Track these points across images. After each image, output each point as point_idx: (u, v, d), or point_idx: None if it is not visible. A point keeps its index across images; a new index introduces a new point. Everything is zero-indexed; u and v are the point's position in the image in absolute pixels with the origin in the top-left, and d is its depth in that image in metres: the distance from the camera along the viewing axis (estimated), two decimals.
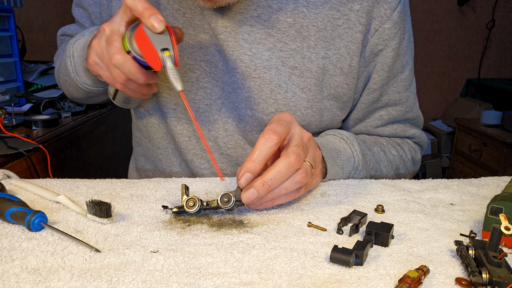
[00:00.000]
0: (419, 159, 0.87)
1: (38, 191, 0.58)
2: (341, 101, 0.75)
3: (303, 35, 0.70)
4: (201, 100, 0.75)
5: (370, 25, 0.71)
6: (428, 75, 2.84)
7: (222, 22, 0.70)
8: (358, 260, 0.43)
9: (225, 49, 0.71)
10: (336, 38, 0.71)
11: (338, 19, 0.70)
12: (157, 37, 0.55)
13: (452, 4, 2.73)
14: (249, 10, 0.70)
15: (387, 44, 0.73)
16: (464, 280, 0.40)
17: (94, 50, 0.64)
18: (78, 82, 0.74)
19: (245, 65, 0.71)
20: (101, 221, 0.50)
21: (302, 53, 0.71)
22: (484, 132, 2.31)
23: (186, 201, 0.53)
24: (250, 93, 0.72)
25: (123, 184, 0.64)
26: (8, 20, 1.28)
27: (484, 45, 2.79)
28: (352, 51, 0.71)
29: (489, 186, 0.65)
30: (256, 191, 0.51)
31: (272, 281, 0.40)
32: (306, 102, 0.73)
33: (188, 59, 0.73)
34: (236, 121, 0.75)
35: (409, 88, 0.80)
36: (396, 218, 0.54)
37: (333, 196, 0.61)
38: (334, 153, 0.68)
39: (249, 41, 0.70)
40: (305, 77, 0.72)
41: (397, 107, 0.79)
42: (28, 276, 0.40)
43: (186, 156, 0.79)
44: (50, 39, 2.38)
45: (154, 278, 0.40)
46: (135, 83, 0.62)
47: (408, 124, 0.83)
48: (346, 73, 0.73)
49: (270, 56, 0.71)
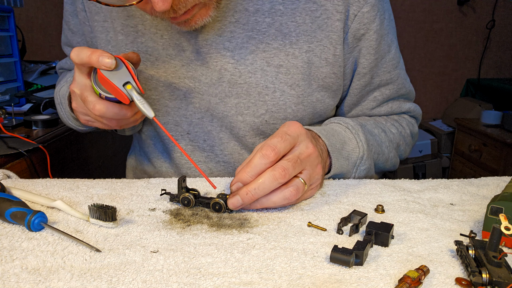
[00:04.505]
0: (416, 131, 0.89)
1: (34, 198, 0.57)
2: (331, 90, 0.76)
3: (283, 32, 0.71)
4: (192, 115, 0.76)
5: (349, 11, 0.71)
6: (428, 75, 2.84)
7: (202, 36, 0.71)
8: (358, 260, 0.43)
9: (208, 61, 0.72)
10: (317, 30, 0.71)
11: (316, 11, 0.70)
12: (115, 74, 0.56)
13: (452, 4, 2.72)
14: (227, 17, 0.70)
15: (368, 28, 0.73)
16: (464, 280, 0.40)
17: (77, 104, 0.67)
18: (72, 126, 0.81)
19: (230, 73, 0.72)
20: (106, 225, 0.50)
21: (285, 51, 0.71)
22: (484, 132, 2.31)
23: (181, 198, 0.56)
24: (239, 99, 0.73)
25: (123, 184, 0.64)
26: (8, 20, 1.28)
27: (484, 45, 2.79)
28: (334, 40, 0.72)
29: (489, 186, 0.65)
30: (240, 198, 0.53)
31: (272, 281, 0.40)
32: (296, 98, 0.73)
33: (172, 78, 0.74)
34: (229, 129, 0.76)
35: (398, 66, 0.81)
36: (396, 218, 0.54)
37: (333, 196, 0.61)
38: (339, 144, 0.68)
39: (231, 48, 0.71)
40: (292, 74, 0.72)
41: (389, 86, 0.81)
42: (28, 276, 0.40)
43: (181, 171, 0.81)
44: (50, 39, 2.38)
45: (154, 278, 0.40)
46: (125, 120, 0.65)
47: (401, 100, 0.85)
48: (332, 63, 0.73)
49: (254, 58, 0.71)
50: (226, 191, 0.62)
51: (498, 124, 2.36)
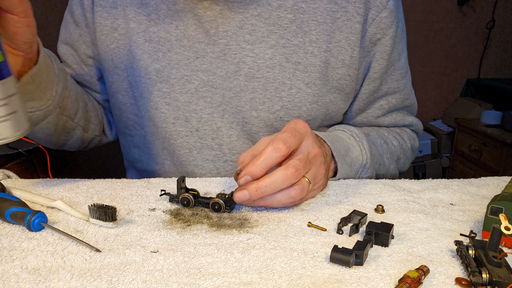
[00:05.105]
0: (417, 146, 0.90)
1: (34, 198, 0.57)
2: (344, 93, 0.76)
3: (304, 30, 0.71)
4: (202, 110, 0.74)
5: (367, 15, 0.72)
6: (428, 75, 2.84)
7: (223, 27, 0.71)
8: (358, 260, 0.43)
9: (226, 53, 0.71)
10: (336, 31, 0.72)
11: (336, 12, 0.71)
12: None
13: (452, 4, 2.72)
14: (249, 10, 0.70)
15: (385, 33, 0.74)
16: (464, 280, 0.40)
17: None
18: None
19: (248, 67, 0.71)
20: (106, 225, 0.50)
21: (304, 48, 0.71)
22: (484, 132, 2.31)
23: (181, 198, 0.56)
24: (255, 94, 0.72)
25: (123, 184, 0.64)
26: None
27: (484, 45, 2.79)
28: (352, 42, 0.73)
29: (489, 186, 0.65)
30: (248, 194, 0.52)
31: (272, 281, 0.40)
32: (312, 97, 0.73)
33: (185, 71, 0.73)
34: (241, 125, 0.75)
35: (406, 76, 0.82)
36: (396, 218, 0.54)
37: (333, 196, 0.61)
38: (344, 151, 0.68)
39: (251, 41, 0.71)
40: (309, 72, 0.72)
41: (396, 95, 0.81)
42: (28, 276, 0.40)
43: (187, 168, 0.79)
44: (50, 39, 2.38)
45: (154, 278, 0.40)
46: None
47: (405, 112, 0.85)
48: (348, 65, 0.74)
49: (273, 53, 0.71)
50: (226, 191, 0.62)
51: (498, 124, 2.36)
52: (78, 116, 0.77)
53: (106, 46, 0.77)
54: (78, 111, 0.77)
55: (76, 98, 0.76)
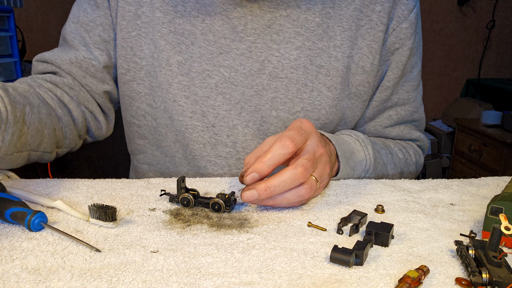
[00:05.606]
0: (422, 162, 0.89)
1: (34, 198, 0.56)
2: (361, 100, 0.77)
3: (329, 34, 0.72)
4: (220, 106, 0.74)
5: (389, 24, 0.74)
6: (428, 75, 2.84)
7: (251, 25, 0.71)
8: (358, 260, 0.43)
9: (252, 50, 0.72)
10: (359, 38, 0.73)
11: (361, 20, 0.73)
12: None
13: (452, 4, 2.73)
14: (279, 10, 0.71)
15: (403, 43, 0.75)
16: (464, 280, 0.40)
17: None
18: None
19: (273, 66, 0.72)
20: (106, 225, 0.50)
21: (328, 52, 0.73)
22: (484, 132, 2.31)
23: (181, 198, 0.56)
24: (276, 94, 0.73)
25: (123, 184, 0.64)
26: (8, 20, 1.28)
27: (484, 45, 2.79)
28: (374, 50, 0.74)
29: (489, 186, 0.65)
30: (257, 193, 0.52)
31: (272, 281, 0.40)
32: (332, 100, 0.74)
33: (207, 65, 0.73)
34: (258, 124, 0.75)
35: (417, 89, 0.83)
36: (396, 218, 0.54)
37: (333, 196, 0.61)
38: (348, 153, 0.69)
39: (278, 41, 0.72)
40: (332, 76, 0.73)
41: (405, 106, 0.82)
42: (28, 276, 0.40)
43: (199, 163, 0.78)
44: (50, 39, 2.38)
45: (154, 278, 0.40)
46: None
47: (413, 126, 0.86)
48: (368, 72, 0.75)
49: (298, 55, 0.72)
50: (226, 191, 0.62)
51: (498, 124, 2.36)
52: (43, 145, 0.69)
53: (126, 33, 0.75)
54: (42, 140, 0.68)
55: (39, 129, 0.66)
